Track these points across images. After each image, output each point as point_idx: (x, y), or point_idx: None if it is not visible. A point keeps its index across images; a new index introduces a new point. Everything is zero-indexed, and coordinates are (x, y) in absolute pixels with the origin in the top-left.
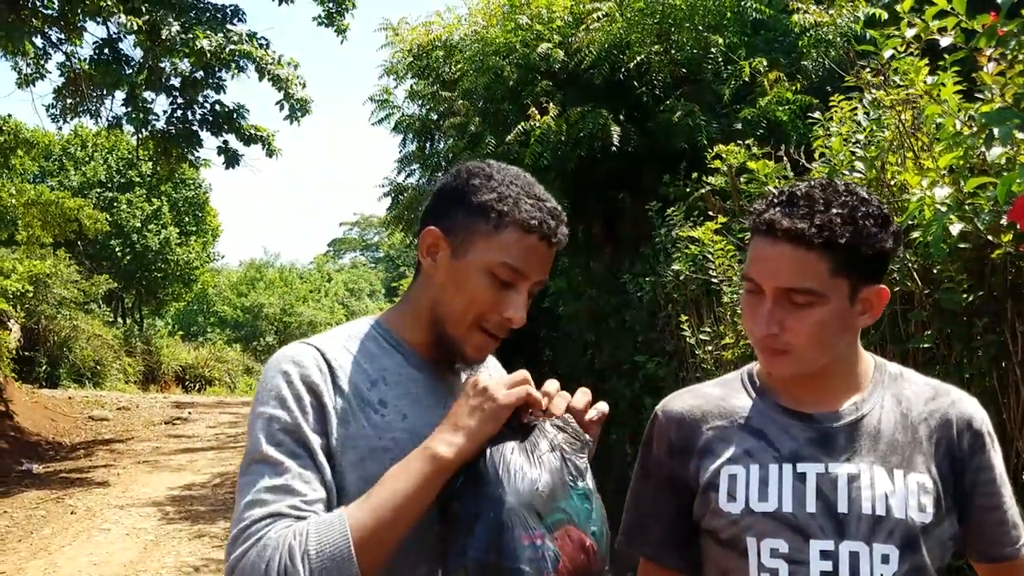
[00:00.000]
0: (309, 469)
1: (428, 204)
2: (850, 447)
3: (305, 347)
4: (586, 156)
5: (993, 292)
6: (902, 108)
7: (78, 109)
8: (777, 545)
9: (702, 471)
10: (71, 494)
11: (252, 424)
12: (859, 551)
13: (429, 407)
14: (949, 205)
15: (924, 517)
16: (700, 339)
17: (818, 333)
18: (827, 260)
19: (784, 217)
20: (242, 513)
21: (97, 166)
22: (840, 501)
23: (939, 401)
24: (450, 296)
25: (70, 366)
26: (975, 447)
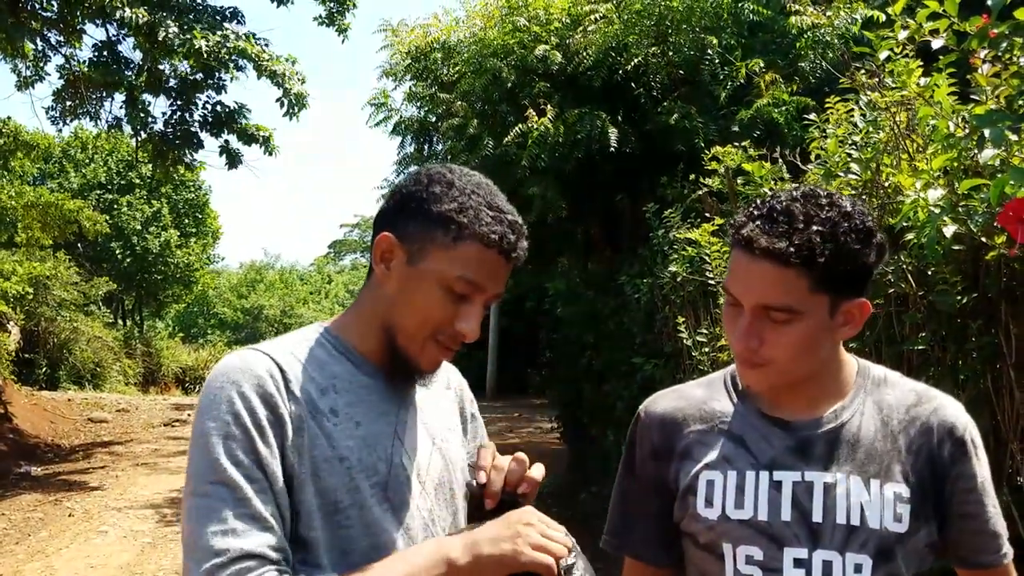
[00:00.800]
0: (266, 493)
1: (384, 207)
2: (828, 455)
3: (256, 354)
4: (584, 158)
5: (987, 294)
6: (897, 110)
7: (77, 111)
8: (752, 552)
9: (681, 474)
10: (69, 496)
11: (203, 440)
12: (832, 560)
13: (383, 414)
14: (943, 207)
15: (899, 527)
16: (697, 340)
17: (797, 348)
18: (806, 277)
19: (763, 235)
20: (214, 543)
21: (97, 168)
22: (815, 510)
23: (921, 407)
24: (402, 307)
25: (70, 368)
26: (956, 455)
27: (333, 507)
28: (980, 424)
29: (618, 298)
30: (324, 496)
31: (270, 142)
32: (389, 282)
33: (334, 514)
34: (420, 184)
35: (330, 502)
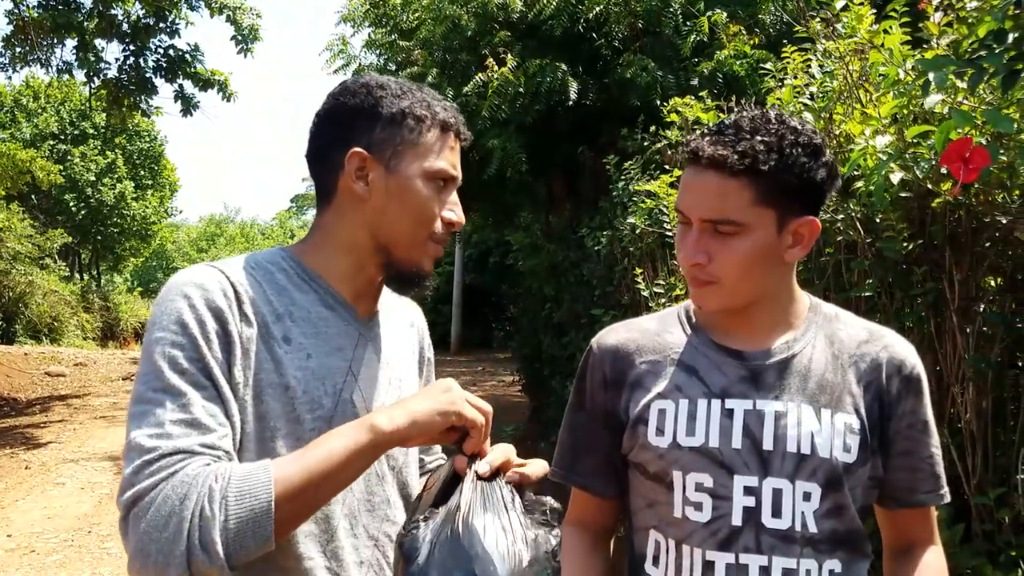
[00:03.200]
0: (214, 402)
1: (328, 130)
2: (779, 385)
3: (210, 270)
4: (545, 110)
5: (933, 241)
6: (850, 58)
7: (28, 58)
8: (702, 479)
9: (632, 404)
10: (26, 449)
11: (149, 349)
12: (782, 488)
13: (337, 350)
14: (891, 154)
15: (848, 457)
16: (654, 292)
17: (744, 264)
18: (750, 188)
19: (709, 145)
20: (144, 442)
21: (49, 118)
22: (766, 438)
23: (872, 344)
24: (396, 215)
25: (26, 322)
26: (904, 392)
27: (270, 433)
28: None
29: (579, 250)
30: (262, 420)
31: (227, 87)
32: (372, 198)
33: (269, 440)
34: (359, 95)
35: (267, 427)
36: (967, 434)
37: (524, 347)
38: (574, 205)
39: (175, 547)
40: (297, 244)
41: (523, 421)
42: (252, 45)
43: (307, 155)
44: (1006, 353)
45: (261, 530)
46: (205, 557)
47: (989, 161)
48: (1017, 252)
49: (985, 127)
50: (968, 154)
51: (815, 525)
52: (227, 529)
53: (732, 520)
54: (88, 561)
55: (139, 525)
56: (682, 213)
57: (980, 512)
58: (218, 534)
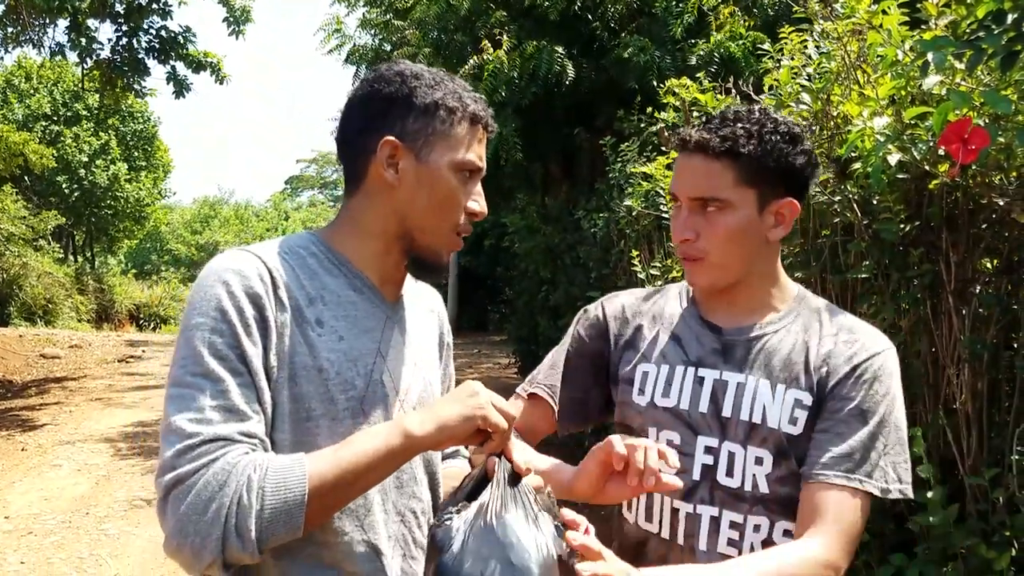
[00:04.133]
0: (249, 388)
1: (361, 115)
2: (745, 359)
3: (246, 255)
4: (541, 92)
5: (929, 222)
6: (848, 39)
7: (20, 38)
8: (672, 437)
9: (623, 363)
10: (21, 431)
11: (188, 334)
12: (736, 452)
13: (368, 331)
14: (888, 135)
15: (794, 429)
16: (650, 274)
17: (728, 239)
18: (732, 169)
19: (695, 132)
20: (186, 426)
21: (42, 99)
22: (726, 405)
23: (841, 337)
24: (423, 205)
25: (20, 304)
26: (845, 379)
27: (305, 414)
28: (919, 350)
29: (575, 233)
30: (297, 402)
31: (219, 70)
32: (402, 186)
33: (305, 420)
34: (394, 83)
35: (302, 408)
36: (962, 415)
37: (520, 329)
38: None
39: (213, 530)
40: (326, 228)
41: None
42: (244, 27)
43: (337, 139)
44: (1001, 335)
45: (293, 521)
46: (239, 543)
47: (988, 142)
48: (1014, 233)
49: (983, 108)
50: (967, 135)
51: (767, 487)
52: (262, 518)
53: (693, 475)
54: (86, 542)
55: (179, 507)
56: (674, 195)
57: (975, 492)
58: (253, 522)
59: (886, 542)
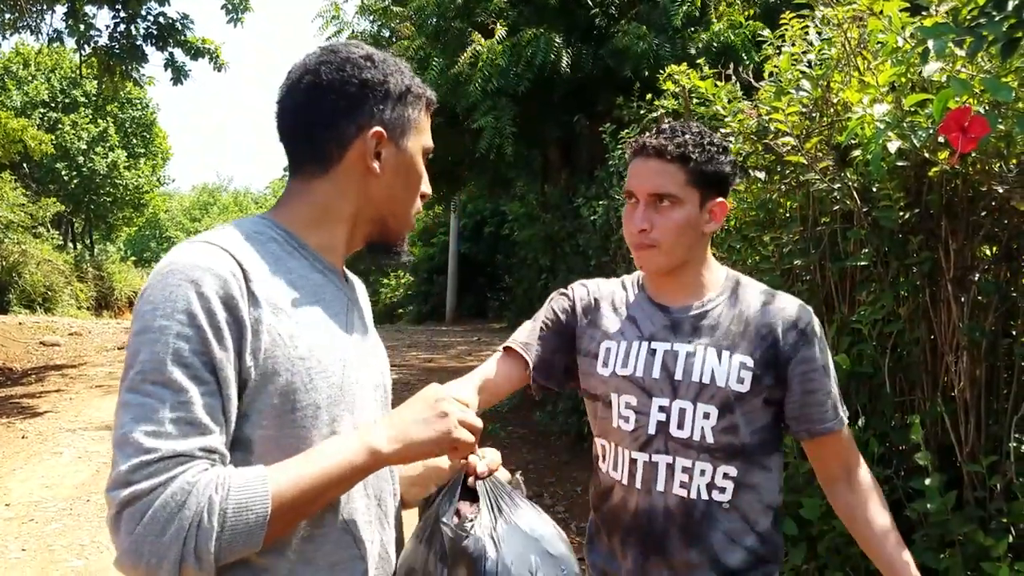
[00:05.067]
0: (213, 398)
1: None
2: (692, 332)
3: (215, 250)
4: (539, 79)
5: (929, 210)
6: (849, 26)
7: (17, 24)
8: (630, 400)
9: (587, 339)
10: (22, 419)
11: (150, 337)
12: (686, 408)
13: (336, 315)
14: (888, 122)
15: (741, 388)
16: None
17: (678, 230)
18: (683, 172)
19: (652, 139)
20: (143, 440)
21: (40, 85)
22: (677, 370)
23: (770, 305)
24: (401, 191)
25: (20, 292)
26: (799, 343)
27: (290, 406)
28: (918, 337)
29: (574, 220)
30: (282, 395)
31: (217, 56)
32: (383, 174)
33: (290, 413)
34: (367, 68)
35: (287, 401)
36: (960, 402)
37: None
38: (570, 175)
39: (170, 552)
40: (280, 212)
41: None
42: (243, 15)
43: (294, 121)
44: (1000, 322)
45: (253, 540)
46: (196, 564)
47: (988, 130)
48: (1013, 221)
49: (983, 95)
50: (967, 123)
51: (712, 438)
52: (222, 539)
53: (648, 429)
54: (87, 530)
55: (133, 526)
56: (631, 193)
57: (972, 479)
58: (213, 544)
59: None
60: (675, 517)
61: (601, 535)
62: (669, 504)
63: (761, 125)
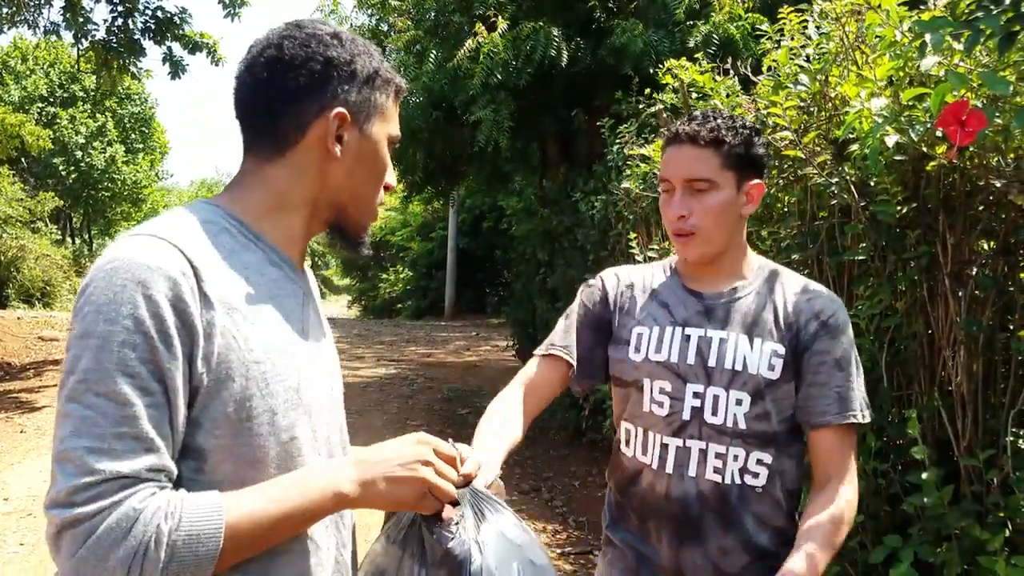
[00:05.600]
0: (160, 409)
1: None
2: (725, 319)
3: (163, 246)
4: (538, 73)
5: (927, 204)
6: (847, 20)
7: (15, 18)
8: (664, 385)
9: (620, 325)
10: (20, 413)
11: (93, 343)
12: (719, 394)
13: (292, 311)
14: (886, 116)
15: (772, 375)
16: (648, 256)
17: (717, 215)
18: (717, 156)
19: (683, 126)
20: (86, 459)
21: (38, 80)
22: (711, 357)
23: (802, 295)
24: (362, 178)
25: (18, 286)
26: (818, 334)
27: (245, 414)
28: (915, 331)
29: (573, 215)
30: (236, 403)
31: (215, 51)
32: (344, 159)
33: (245, 421)
34: (333, 47)
35: (242, 408)
36: (957, 397)
37: (518, 312)
38: (568, 169)
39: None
40: (232, 198)
41: None
42: (240, 10)
43: (252, 97)
44: (997, 316)
45: (201, 572)
46: None
47: (986, 124)
48: (1010, 215)
49: (981, 89)
50: (965, 117)
51: (744, 424)
52: (168, 569)
53: (683, 415)
54: None
55: (75, 548)
56: (667, 181)
57: (969, 473)
58: (158, 573)
59: (880, 523)
60: (710, 502)
61: (629, 517)
62: (702, 489)
63: (759, 119)
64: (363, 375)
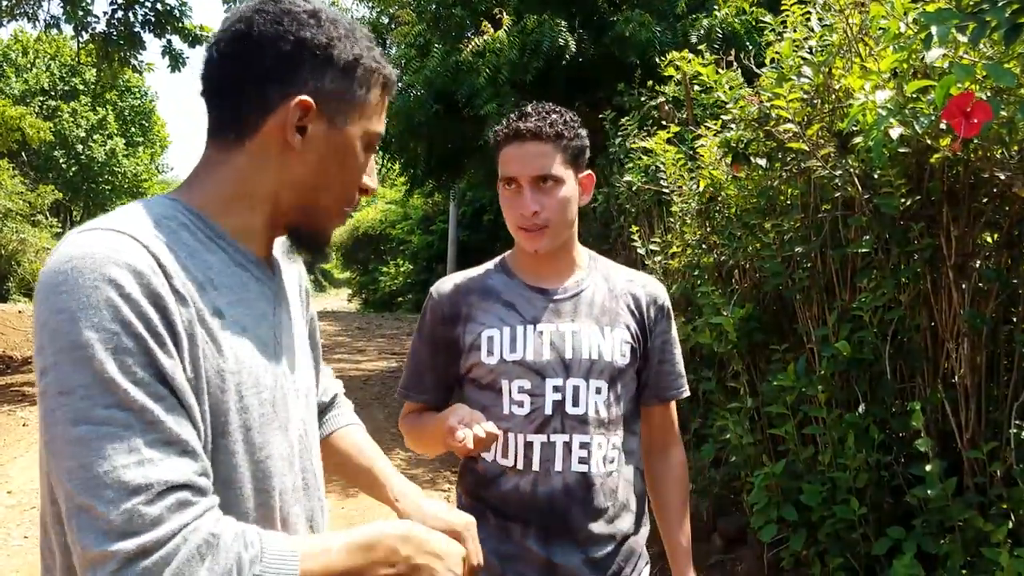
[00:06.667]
0: (179, 412)
1: (260, 56)
2: (574, 312)
3: (125, 240)
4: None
5: (930, 197)
6: (850, 12)
7: (15, 11)
8: (523, 383)
9: (467, 334)
10: (22, 406)
11: (80, 355)
12: (580, 385)
13: (263, 316)
14: (890, 109)
15: (623, 360)
16: (650, 249)
17: (564, 208)
18: (560, 151)
19: (525, 123)
20: (127, 476)
21: (39, 73)
22: (567, 350)
23: (634, 283)
24: (329, 177)
25: (19, 280)
26: (659, 317)
27: (220, 429)
28: (919, 324)
29: None
30: (214, 415)
31: None
32: (306, 152)
33: (220, 437)
34: (309, 27)
35: (217, 423)
36: (961, 389)
37: None
38: None
39: None
40: (188, 191)
41: None
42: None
43: (215, 74)
44: (1001, 309)
45: None
46: None
47: (991, 116)
48: (1014, 208)
49: (986, 82)
50: (970, 109)
51: (604, 411)
52: None
53: (545, 410)
54: None
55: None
56: (514, 179)
57: (972, 466)
58: None
59: (883, 515)
60: (575, 493)
61: (488, 518)
62: (568, 482)
63: (762, 112)
64: (364, 368)
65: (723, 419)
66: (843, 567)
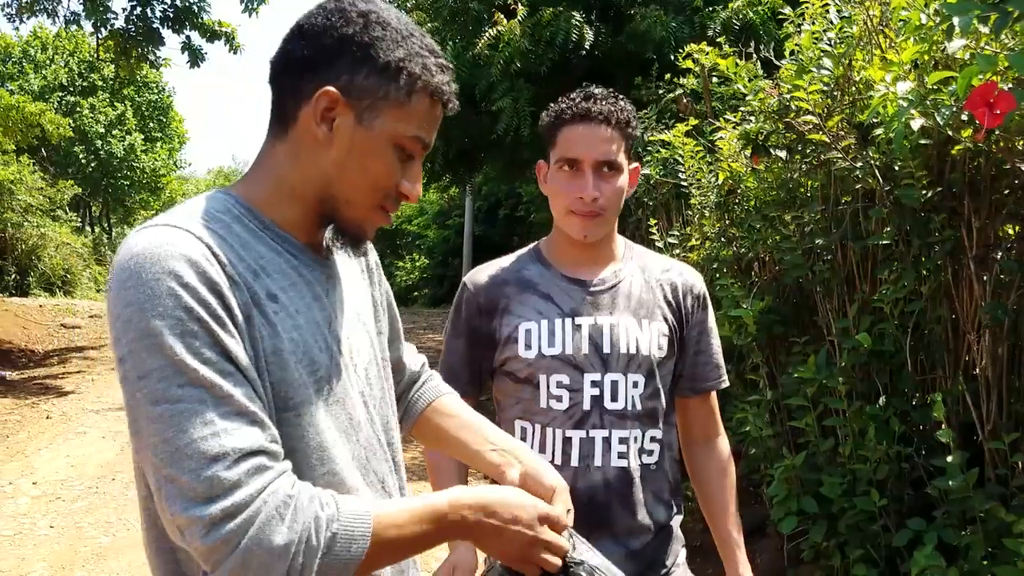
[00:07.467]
0: (246, 387)
1: (305, 48)
2: (612, 304)
3: (181, 235)
4: (558, 59)
5: (952, 188)
6: (871, 3)
7: (34, 8)
8: (561, 378)
9: (503, 327)
10: (46, 400)
11: (150, 342)
12: (618, 380)
13: (316, 299)
14: (911, 100)
15: (661, 353)
16: (668, 242)
17: (619, 197)
18: (623, 139)
19: (595, 105)
20: (205, 446)
21: (58, 69)
22: (605, 344)
23: (671, 272)
24: (354, 173)
25: (40, 275)
26: (696, 307)
27: (283, 404)
28: (940, 316)
29: None
30: (275, 391)
31: (233, 39)
32: (333, 146)
33: (282, 411)
34: (355, 25)
35: (280, 398)
36: (982, 381)
37: None
38: None
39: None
40: (243, 183)
41: None
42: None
43: (273, 62)
44: (1022, 301)
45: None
46: None
47: (1015, 105)
48: None
49: (1008, 72)
50: (993, 99)
51: (641, 405)
52: (323, 560)
53: (583, 406)
54: (114, 508)
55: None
56: (575, 160)
57: (994, 457)
58: (316, 562)
59: (904, 507)
60: (615, 488)
61: None
62: (608, 477)
63: (782, 104)
64: None
65: (743, 411)
66: (863, 559)
